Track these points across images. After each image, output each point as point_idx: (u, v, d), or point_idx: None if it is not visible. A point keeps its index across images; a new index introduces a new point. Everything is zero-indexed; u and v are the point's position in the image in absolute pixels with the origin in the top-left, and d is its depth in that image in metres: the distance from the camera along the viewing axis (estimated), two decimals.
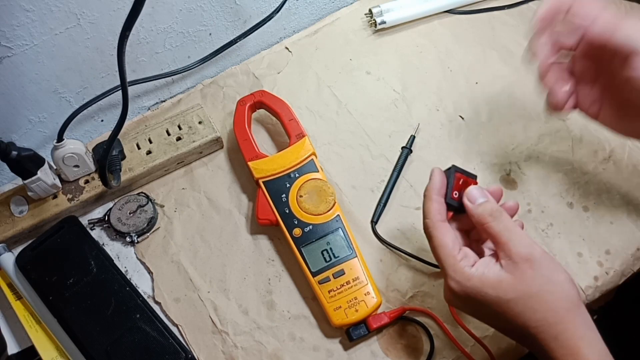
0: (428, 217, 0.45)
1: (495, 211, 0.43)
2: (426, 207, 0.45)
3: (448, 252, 0.43)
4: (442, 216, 0.45)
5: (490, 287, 0.41)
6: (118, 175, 0.58)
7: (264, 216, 0.56)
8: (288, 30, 0.73)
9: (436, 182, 0.46)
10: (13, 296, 0.55)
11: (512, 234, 0.41)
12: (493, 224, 0.42)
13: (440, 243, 0.44)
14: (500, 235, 0.42)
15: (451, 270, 0.42)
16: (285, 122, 0.61)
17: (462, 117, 0.64)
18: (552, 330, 0.39)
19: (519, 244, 0.41)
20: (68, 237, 0.56)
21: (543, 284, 0.40)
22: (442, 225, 0.44)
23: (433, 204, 0.45)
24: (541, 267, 0.40)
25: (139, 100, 0.67)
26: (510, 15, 0.71)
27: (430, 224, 0.45)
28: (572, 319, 0.40)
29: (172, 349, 0.51)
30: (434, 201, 0.45)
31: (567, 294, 0.40)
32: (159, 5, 0.59)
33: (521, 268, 0.40)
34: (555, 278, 0.40)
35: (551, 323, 0.39)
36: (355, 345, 0.52)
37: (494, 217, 0.42)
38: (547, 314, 0.40)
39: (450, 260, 0.43)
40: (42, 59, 0.55)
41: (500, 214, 0.42)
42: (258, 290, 0.56)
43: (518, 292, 0.40)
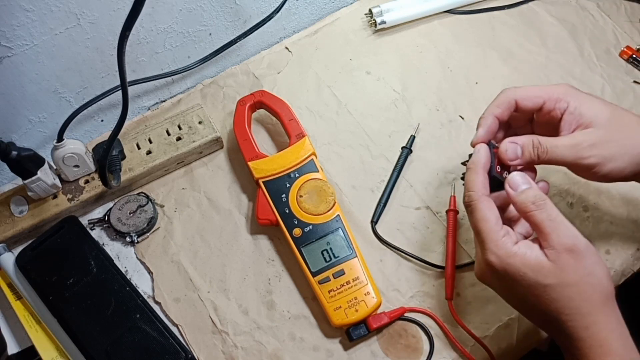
0: (473, 190, 0.44)
1: (538, 199, 0.42)
2: (471, 179, 0.45)
3: (491, 226, 0.42)
4: (486, 190, 0.44)
5: (530, 269, 0.40)
6: (118, 175, 0.58)
7: (264, 216, 0.56)
8: (288, 30, 0.73)
9: (482, 156, 0.45)
10: (13, 296, 0.55)
11: (556, 224, 0.41)
12: (536, 212, 0.42)
13: (484, 216, 0.43)
14: (544, 225, 0.41)
15: (493, 244, 0.42)
16: (285, 122, 0.61)
17: (462, 117, 0.64)
18: (585, 320, 0.39)
19: (563, 234, 0.40)
20: (68, 237, 0.56)
21: (584, 276, 0.40)
22: (487, 199, 0.44)
23: (479, 177, 0.44)
24: (584, 259, 0.40)
25: (139, 100, 0.67)
26: (510, 15, 0.71)
27: (475, 197, 0.44)
28: (606, 312, 0.40)
29: (172, 349, 0.51)
30: (479, 174, 0.45)
31: (604, 288, 0.40)
32: (159, 5, 0.59)
33: (564, 258, 0.40)
34: (597, 271, 0.40)
35: (584, 313, 0.39)
36: (355, 345, 0.52)
37: (537, 205, 0.42)
38: (582, 304, 0.40)
39: (493, 234, 0.42)
40: (42, 59, 0.55)
41: (544, 203, 0.42)
42: (258, 290, 0.56)
43: (558, 280, 0.40)
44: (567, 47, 0.68)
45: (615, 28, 0.69)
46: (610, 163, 0.44)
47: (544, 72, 0.66)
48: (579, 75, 0.66)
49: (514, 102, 0.48)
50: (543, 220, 0.41)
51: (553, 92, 0.46)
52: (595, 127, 0.45)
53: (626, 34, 0.68)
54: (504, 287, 0.44)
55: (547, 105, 0.47)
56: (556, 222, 0.41)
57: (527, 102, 0.47)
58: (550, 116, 0.47)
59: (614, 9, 0.70)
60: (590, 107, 0.45)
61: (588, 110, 0.45)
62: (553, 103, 0.46)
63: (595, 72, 0.66)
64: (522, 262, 0.41)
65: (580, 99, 0.46)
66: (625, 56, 0.66)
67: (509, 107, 0.48)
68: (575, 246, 0.40)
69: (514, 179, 0.44)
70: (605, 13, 0.70)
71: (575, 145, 0.44)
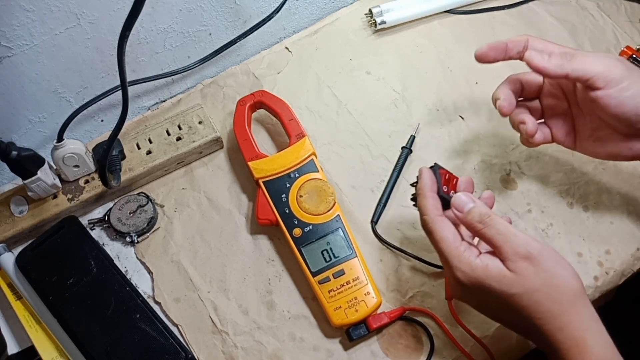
0: (425, 214, 0.46)
1: (484, 216, 0.43)
2: (422, 204, 0.46)
3: (450, 244, 0.43)
4: (439, 211, 0.46)
5: (494, 280, 0.41)
6: (118, 175, 0.58)
7: (264, 216, 0.56)
8: (288, 30, 0.73)
9: (426, 179, 0.47)
10: (13, 296, 0.55)
11: (505, 236, 0.42)
12: (484, 230, 0.43)
13: (442, 236, 0.44)
14: (495, 240, 0.42)
15: (456, 261, 0.43)
16: (285, 122, 0.61)
17: (462, 117, 0.64)
18: (557, 322, 0.40)
19: (514, 244, 0.41)
20: (68, 237, 0.56)
21: (546, 279, 0.40)
22: (441, 219, 0.45)
23: (428, 200, 0.46)
24: (541, 263, 0.40)
25: (139, 100, 0.67)
26: (510, 15, 0.71)
27: (429, 220, 0.45)
28: (578, 311, 0.40)
29: (172, 349, 0.51)
30: (428, 197, 0.46)
31: (571, 286, 0.41)
32: (159, 5, 0.59)
33: (522, 266, 0.41)
34: (559, 272, 0.41)
35: (556, 315, 0.40)
36: (355, 345, 0.52)
37: (483, 223, 0.43)
38: (552, 306, 0.40)
39: (454, 251, 0.43)
40: (42, 59, 0.55)
41: (490, 219, 0.43)
42: (258, 290, 0.56)
43: (522, 288, 0.40)
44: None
45: (615, 28, 0.69)
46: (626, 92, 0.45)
47: None
48: None
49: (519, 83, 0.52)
50: (493, 235, 0.42)
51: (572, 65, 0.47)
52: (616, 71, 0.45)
53: (626, 34, 0.68)
54: (477, 300, 0.45)
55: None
56: (505, 234, 0.42)
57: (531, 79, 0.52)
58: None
59: (614, 9, 0.70)
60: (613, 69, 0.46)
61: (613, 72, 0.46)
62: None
63: None
64: (485, 274, 0.41)
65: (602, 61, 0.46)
66: (625, 56, 0.66)
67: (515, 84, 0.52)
68: (529, 253, 0.41)
69: (458, 200, 0.45)
70: (605, 13, 0.70)
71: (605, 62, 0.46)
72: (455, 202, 0.45)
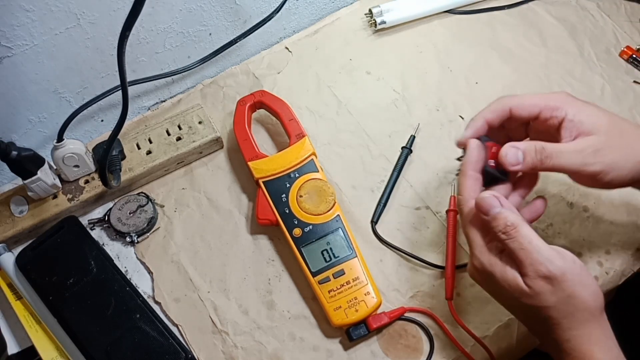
0: (460, 193, 0.44)
1: (508, 228, 0.41)
2: (460, 183, 0.44)
3: (476, 231, 0.43)
4: (476, 193, 0.43)
5: (508, 284, 0.40)
6: (118, 175, 0.58)
7: (264, 216, 0.56)
8: (288, 30, 0.73)
9: (472, 155, 0.44)
10: (13, 296, 0.55)
11: (528, 253, 0.40)
12: (508, 242, 0.41)
13: (470, 222, 0.43)
14: (517, 254, 0.40)
15: (478, 250, 0.42)
16: (285, 122, 0.61)
17: (462, 117, 0.64)
18: (565, 334, 0.40)
19: (536, 262, 0.39)
20: (68, 237, 0.56)
21: (562, 298, 0.39)
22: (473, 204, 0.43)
23: (467, 180, 0.44)
24: (562, 284, 0.39)
25: (139, 100, 0.67)
26: (510, 15, 0.71)
27: (462, 201, 0.44)
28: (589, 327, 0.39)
29: (172, 349, 0.51)
30: (468, 177, 0.44)
31: (587, 307, 0.40)
32: (159, 5, 0.59)
33: (539, 284, 0.39)
34: (578, 292, 0.39)
35: (565, 328, 0.39)
36: (355, 345, 0.52)
37: (507, 234, 0.41)
38: (562, 321, 0.40)
39: (478, 240, 0.42)
40: (42, 59, 0.55)
41: (515, 232, 0.40)
42: (258, 290, 0.56)
43: (534, 302, 0.40)
44: (567, 47, 0.68)
45: (615, 28, 0.69)
46: (613, 170, 0.43)
47: (544, 72, 0.66)
48: (579, 75, 0.66)
49: (508, 111, 0.46)
50: (515, 249, 0.40)
51: (550, 100, 0.45)
52: (596, 134, 0.44)
53: (626, 34, 0.68)
54: (490, 289, 0.45)
55: (543, 113, 0.45)
56: (527, 250, 0.40)
57: (522, 112, 0.46)
58: (547, 124, 0.46)
59: (614, 9, 0.70)
60: (589, 115, 0.44)
61: (587, 118, 0.44)
62: (550, 112, 0.45)
63: (595, 72, 0.66)
64: (501, 275, 0.41)
65: (577, 106, 0.45)
66: (625, 56, 0.66)
67: (502, 115, 0.47)
68: (550, 273, 0.39)
69: (483, 202, 0.42)
70: (605, 13, 0.70)
71: (580, 151, 0.43)
72: (480, 204, 0.42)
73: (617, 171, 0.43)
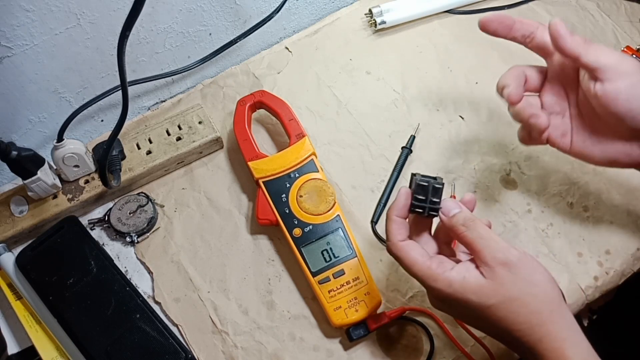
0: (389, 239, 0.45)
1: (468, 220, 0.43)
2: (387, 228, 0.45)
3: (420, 266, 0.43)
4: (403, 235, 0.45)
5: (471, 292, 0.41)
6: (118, 175, 0.58)
7: (264, 216, 0.56)
8: (288, 30, 0.73)
9: (398, 202, 0.45)
10: (13, 296, 0.55)
11: (486, 241, 0.42)
12: (467, 233, 0.42)
13: (410, 261, 0.43)
14: (475, 243, 0.42)
15: (431, 281, 0.42)
16: (285, 122, 0.61)
17: (462, 117, 0.64)
18: (536, 334, 0.40)
19: (494, 249, 0.41)
20: (68, 237, 0.56)
21: (523, 287, 0.40)
22: (405, 244, 0.44)
23: (392, 225, 0.45)
24: (519, 270, 0.40)
25: (139, 100, 0.67)
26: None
27: (393, 247, 0.44)
28: (555, 321, 0.40)
29: (172, 349, 0.51)
30: (392, 222, 0.45)
31: (549, 296, 0.41)
32: (159, 5, 0.59)
33: (499, 272, 0.40)
34: (536, 279, 0.41)
35: (534, 325, 0.40)
36: (355, 345, 0.52)
37: (467, 226, 0.43)
38: (530, 317, 0.40)
39: (427, 272, 0.43)
40: (42, 59, 0.55)
41: (474, 223, 0.43)
42: (258, 290, 0.56)
43: (499, 297, 0.40)
44: None
45: (615, 28, 0.69)
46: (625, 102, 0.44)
47: None
48: None
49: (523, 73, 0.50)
50: (474, 239, 0.42)
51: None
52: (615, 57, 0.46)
53: (626, 34, 0.68)
54: (458, 313, 0.45)
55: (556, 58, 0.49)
56: (486, 239, 0.42)
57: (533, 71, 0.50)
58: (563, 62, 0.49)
59: (614, 9, 0.70)
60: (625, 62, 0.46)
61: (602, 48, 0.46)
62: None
63: None
64: (462, 288, 0.41)
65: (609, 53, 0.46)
66: None
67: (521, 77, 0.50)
68: (507, 259, 0.40)
69: (446, 205, 0.44)
70: (605, 13, 0.70)
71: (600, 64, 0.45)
72: (444, 206, 0.45)
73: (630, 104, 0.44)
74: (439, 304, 0.45)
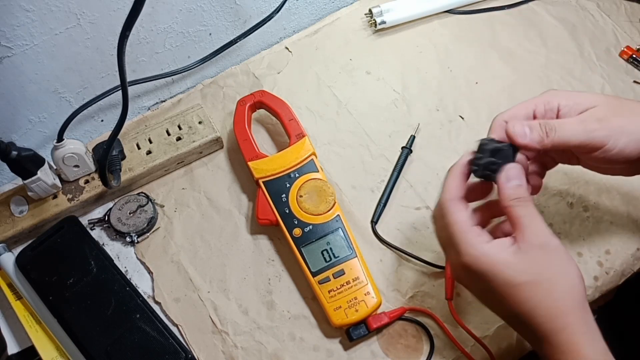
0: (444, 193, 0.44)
1: (524, 197, 0.42)
2: (446, 182, 0.44)
3: (461, 227, 0.42)
4: (454, 194, 0.44)
5: (503, 265, 0.40)
6: (118, 175, 0.58)
7: (264, 216, 0.56)
8: (288, 30, 0.73)
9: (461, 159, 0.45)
10: (13, 296, 0.55)
11: (533, 221, 0.41)
12: (517, 207, 0.42)
13: (452, 219, 0.42)
14: (522, 219, 0.41)
15: (467, 245, 0.41)
16: (285, 122, 0.61)
17: (462, 117, 0.64)
18: (557, 323, 0.39)
19: (537, 230, 0.41)
20: (68, 237, 0.56)
21: (555, 274, 0.40)
22: (457, 202, 0.43)
23: (449, 180, 0.44)
24: (555, 257, 0.40)
25: (139, 100, 0.67)
26: (510, 15, 0.71)
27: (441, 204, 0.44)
28: (578, 315, 0.39)
29: (172, 349, 0.51)
30: (454, 178, 0.44)
31: (576, 289, 0.40)
32: (159, 5, 0.59)
33: (535, 252, 0.40)
34: (568, 270, 0.40)
35: (557, 315, 0.39)
36: (355, 345, 0.52)
37: (520, 201, 0.42)
38: (554, 304, 0.39)
39: (465, 235, 0.42)
40: (42, 59, 0.55)
41: (528, 202, 0.42)
42: (258, 290, 0.56)
43: (529, 276, 0.40)
44: (567, 47, 0.68)
45: (615, 28, 0.69)
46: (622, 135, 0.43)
47: (544, 72, 0.66)
48: (579, 75, 0.66)
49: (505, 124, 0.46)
50: (522, 215, 0.41)
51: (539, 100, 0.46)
52: (597, 105, 0.44)
53: (626, 34, 0.68)
54: (480, 288, 0.44)
55: (538, 110, 0.46)
56: (534, 219, 0.41)
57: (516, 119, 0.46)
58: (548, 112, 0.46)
59: (614, 9, 0.70)
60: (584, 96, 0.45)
61: (583, 98, 0.45)
62: (543, 107, 0.46)
63: (595, 72, 0.66)
64: (495, 260, 0.41)
65: (569, 93, 0.46)
66: (625, 56, 0.66)
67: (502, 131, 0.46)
68: (547, 243, 0.40)
69: (510, 170, 0.43)
70: (605, 13, 0.70)
71: (583, 121, 0.43)
72: (508, 170, 0.43)
73: (627, 136, 0.43)
74: (463, 274, 0.43)
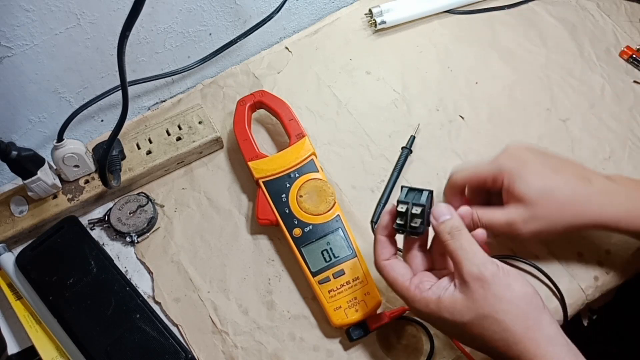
0: (375, 259, 0.47)
1: (454, 229, 0.43)
2: (375, 247, 0.47)
3: (399, 286, 0.45)
4: (385, 254, 0.46)
5: (446, 310, 0.41)
6: (118, 175, 0.58)
7: (264, 216, 0.56)
8: (288, 30, 0.73)
9: (382, 220, 0.47)
10: (13, 296, 0.55)
11: (466, 253, 0.42)
12: (450, 242, 0.43)
13: (392, 280, 0.45)
14: (455, 254, 0.42)
15: (410, 301, 0.44)
16: (285, 122, 0.61)
17: (462, 117, 0.64)
18: (513, 351, 0.40)
19: (471, 263, 0.41)
20: (68, 237, 0.56)
21: (495, 304, 0.40)
22: (387, 264, 0.46)
23: (376, 244, 0.47)
24: (492, 287, 0.40)
25: (139, 100, 0.67)
26: (510, 15, 0.71)
27: (377, 266, 0.46)
28: (532, 337, 0.40)
29: (172, 349, 0.51)
30: (377, 241, 0.47)
31: (522, 312, 0.40)
32: (159, 5, 0.59)
33: (472, 288, 0.41)
34: (508, 296, 0.40)
35: (511, 344, 0.40)
36: (355, 345, 0.52)
37: (452, 235, 0.43)
38: (505, 334, 0.40)
39: (405, 291, 0.44)
40: (42, 59, 0.55)
41: (459, 233, 0.43)
42: (258, 290, 0.56)
43: (472, 314, 0.41)
44: (567, 47, 0.68)
45: (615, 28, 0.69)
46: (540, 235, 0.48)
47: (544, 72, 0.66)
48: (579, 75, 0.66)
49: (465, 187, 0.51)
50: (455, 249, 0.42)
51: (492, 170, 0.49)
52: (525, 204, 0.47)
53: (626, 34, 0.68)
54: (440, 328, 0.46)
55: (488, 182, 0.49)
56: (466, 250, 0.42)
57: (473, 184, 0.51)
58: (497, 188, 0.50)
59: (614, 9, 0.70)
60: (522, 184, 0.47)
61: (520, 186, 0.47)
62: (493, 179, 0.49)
63: (595, 72, 0.66)
64: (437, 306, 0.42)
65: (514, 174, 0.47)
66: (625, 56, 0.66)
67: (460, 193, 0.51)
68: (481, 274, 0.41)
69: (438, 208, 0.45)
70: (605, 13, 0.70)
71: (509, 224, 0.47)
72: (435, 210, 0.45)
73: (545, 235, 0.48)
74: (424, 318, 0.46)
